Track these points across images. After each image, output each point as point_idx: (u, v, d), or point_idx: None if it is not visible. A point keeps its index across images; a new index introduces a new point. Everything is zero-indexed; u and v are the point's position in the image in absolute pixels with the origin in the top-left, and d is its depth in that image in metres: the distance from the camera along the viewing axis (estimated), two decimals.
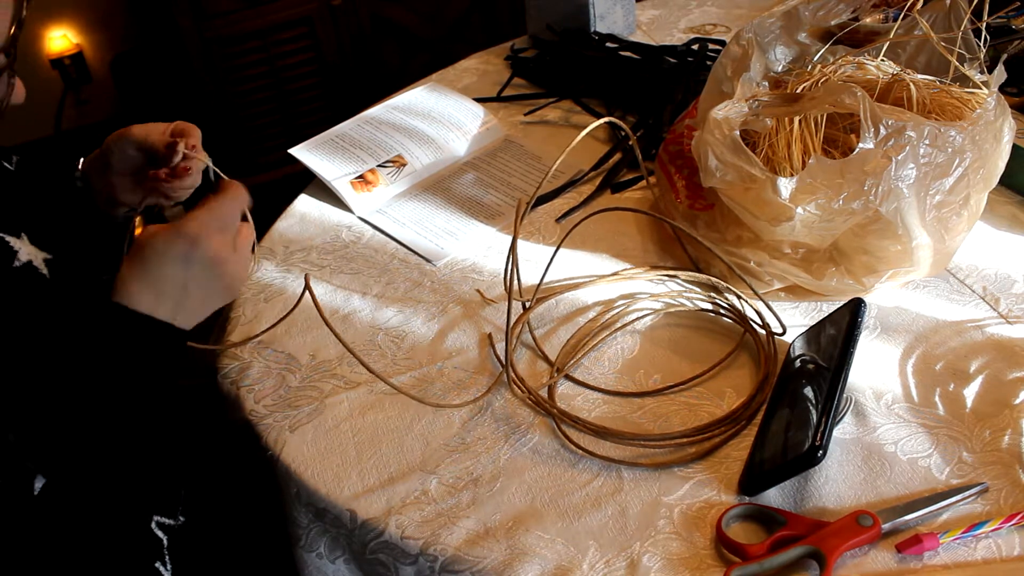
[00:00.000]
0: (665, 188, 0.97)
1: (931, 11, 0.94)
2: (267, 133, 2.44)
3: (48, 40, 2.51)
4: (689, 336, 0.87)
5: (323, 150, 1.15)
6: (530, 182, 1.12)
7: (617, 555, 0.68)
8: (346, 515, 0.74)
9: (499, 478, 0.75)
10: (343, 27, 2.40)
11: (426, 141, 1.17)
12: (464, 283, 0.97)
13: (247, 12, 2.26)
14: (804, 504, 0.70)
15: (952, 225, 0.82)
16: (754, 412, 0.78)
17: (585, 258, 0.98)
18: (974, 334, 0.83)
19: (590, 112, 1.25)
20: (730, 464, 0.74)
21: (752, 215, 0.82)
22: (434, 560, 0.70)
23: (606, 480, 0.74)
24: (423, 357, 0.88)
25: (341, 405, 0.83)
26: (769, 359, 0.82)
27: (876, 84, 0.90)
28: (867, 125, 0.76)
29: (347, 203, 1.09)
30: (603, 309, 0.91)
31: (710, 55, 1.26)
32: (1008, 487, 0.69)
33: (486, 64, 1.41)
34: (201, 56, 2.26)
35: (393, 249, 1.03)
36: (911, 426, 0.75)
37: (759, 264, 0.85)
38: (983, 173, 0.82)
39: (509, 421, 0.80)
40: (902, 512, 0.67)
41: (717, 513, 0.69)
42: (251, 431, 0.82)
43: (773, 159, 0.85)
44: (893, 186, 0.77)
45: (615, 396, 0.82)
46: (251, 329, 0.92)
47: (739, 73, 0.88)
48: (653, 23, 1.48)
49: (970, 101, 0.87)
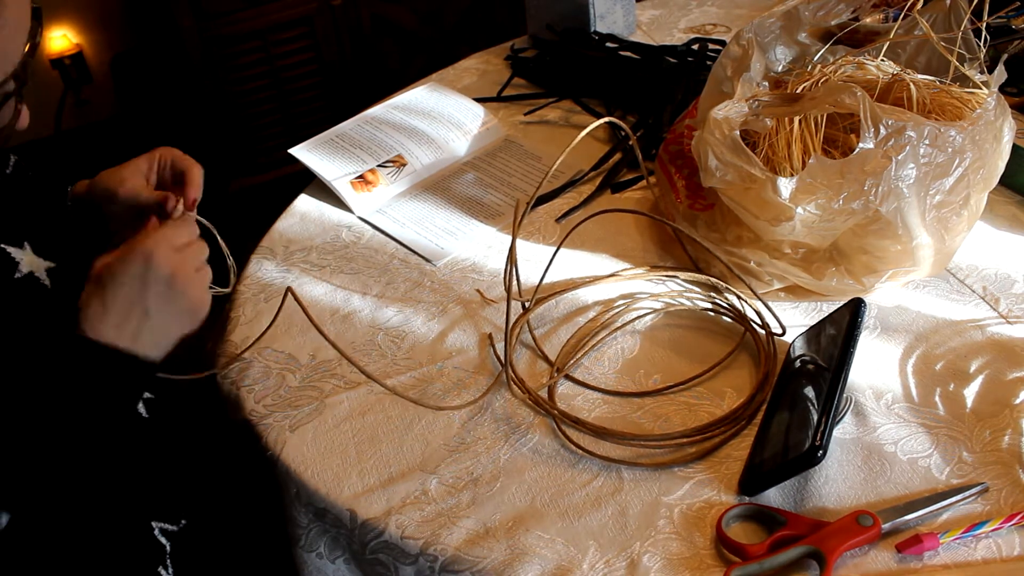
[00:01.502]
0: (665, 188, 0.97)
1: (931, 11, 0.94)
2: (267, 133, 2.44)
3: (48, 40, 2.51)
4: (689, 336, 0.87)
5: (323, 150, 1.15)
6: (530, 182, 1.12)
7: (617, 555, 0.68)
8: (346, 515, 0.74)
9: (499, 478, 0.75)
10: (343, 27, 2.40)
11: (426, 141, 1.17)
12: (464, 283, 0.97)
13: (247, 12, 2.26)
14: (804, 504, 0.70)
15: (952, 225, 0.82)
16: (754, 412, 0.78)
17: (585, 258, 0.98)
18: (974, 334, 0.83)
19: (590, 112, 1.25)
20: (730, 464, 0.74)
21: (752, 215, 0.82)
22: (434, 560, 0.70)
23: (606, 480, 0.74)
24: (423, 357, 0.88)
25: (341, 405, 0.83)
26: (769, 359, 0.82)
27: (876, 84, 0.90)
28: (867, 125, 0.76)
29: (347, 203, 1.09)
30: (603, 309, 0.91)
31: (710, 55, 1.26)
32: (1008, 487, 0.69)
33: (486, 64, 1.41)
34: (201, 56, 2.26)
35: (393, 249, 1.03)
36: (911, 426, 0.75)
37: (759, 264, 0.85)
38: (983, 173, 0.82)
39: (509, 421, 0.80)
40: (902, 512, 0.67)
41: (717, 513, 0.69)
42: (251, 431, 0.82)
43: (773, 159, 0.85)
44: (893, 186, 0.77)
45: (615, 396, 0.82)
46: (251, 329, 0.92)
47: (739, 73, 0.88)
48: (653, 23, 1.48)
49: (970, 101, 0.87)
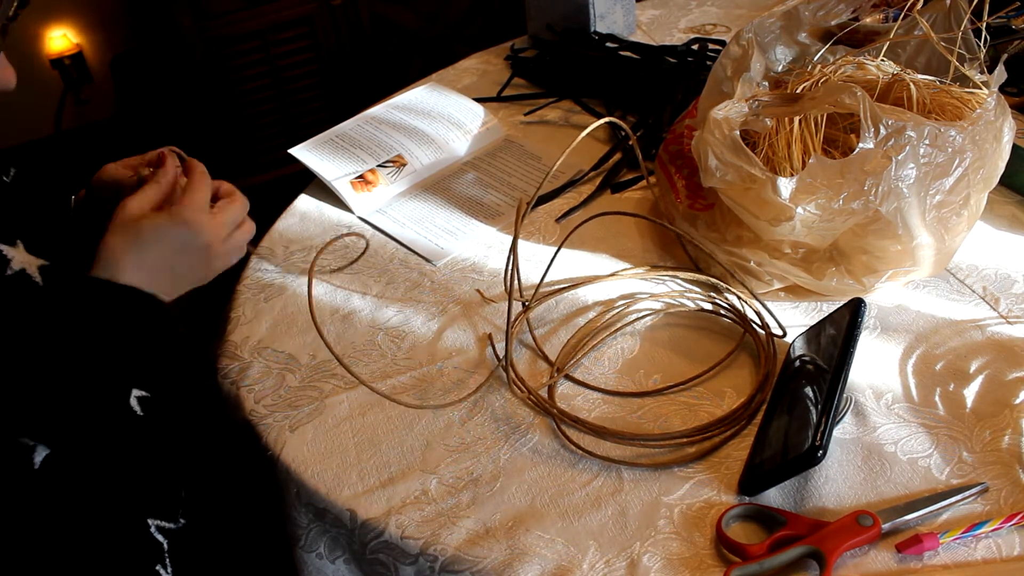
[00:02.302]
0: (665, 188, 0.97)
1: (931, 11, 0.94)
2: (267, 133, 2.44)
3: (48, 40, 2.51)
4: (689, 336, 0.87)
5: (323, 150, 1.15)
6: (530, 182, 1.12)
7: (617, 555, 0.68)
8: (346, 515, 0.74)
9: (499, 478, 0.75)
10: (343, 27, 2.39)
11: (426, 141, 1.17)
12: (464, 283, 0.97)
13: (247, 12, 2.26)
14: (804, 504, 0.70)
15: (952, 225, 0.82)
16: (754, 412, 0.78)
17: (585, 258, 0.98)
18: (974, 334, 0.83)
19: (590, 112, 1.25)
20: (730, 464, 0.74)
21: (752, 215, 0.82)
22: (434, 560, 0.70)
23: (606, 480, 0.74)
24: (423, 357, 0.88)
25: (341, 405, 0.83)
26: (769, 359, 0.82)
27: (876, 84, 0.90)
28: (867, 125, 0.76)
29: (347, 203, 1.09)
30: (603, 309, 0.91)
31: (710, 55, 1.26)
32: (1008, 487, 0.69)
33: (486, 64, 1.41)
34: (201, 56, 2.26)
35: (393, 249, 1.03)
36: (911, 426, 0.75)
37: (759, 264, 0.85)
38: (983, 173, 0.82)
39: (509, 421, 0.80)
40: (902, 512, 0.67)
41: (717, 513, 0.69)
42: (251, 431, 0.82)
43: (773, 159, 0.85)
44: (893, 186, 0.77)
45: (615, 396, 0.82)
46: (251, 329, 0.92)
47: (739, 73, 0.88)
48: (653, 23, 1.48)
49: (970, 101, 0.87)
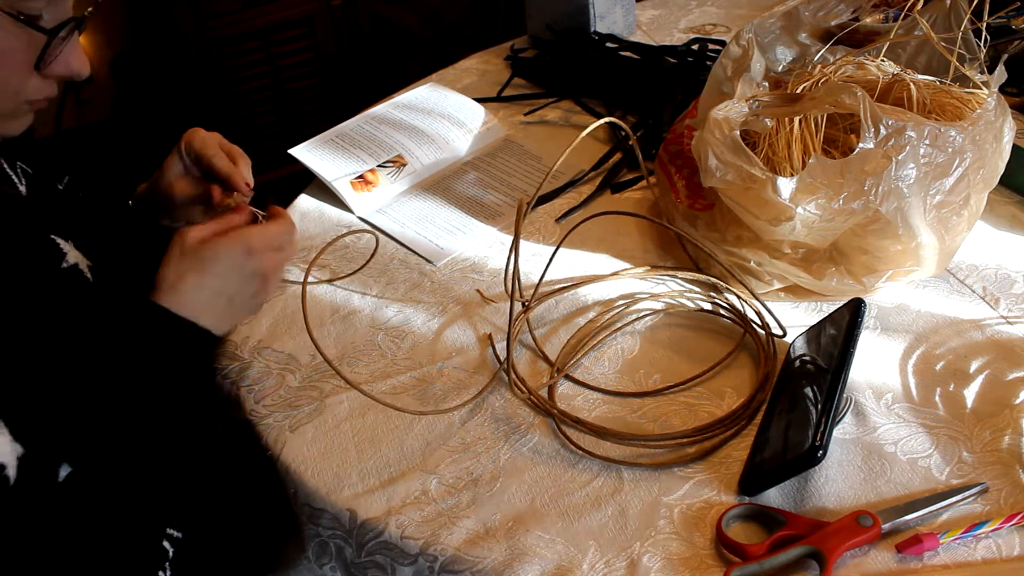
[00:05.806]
0: (665, 188, 0.97)
1: (931, 11, 0.94)
2: (267, 133, 2.44)
3: None
4: (689, 336, 0.87)
5: (323, 150, 1.14)
6: (530, 182, 1.12)
7: (617, 555, 0.68)
8: (346, 515, 0.74)
9: (499, 478, 0.75)
10: (343, 27, 2.39)
11: (426, 141, 1.17)
12: (464, 283, 0.97)
13: (247, 12, 2.26)
14: (804, 504, 0.70)
15: (952, 225, 0.82)
16: (754, 412, 0.78)
17: (585, 258, 0.98)
18: (974, 334, 0.83)
19: (590, 112, 1.25)
20: (730, 464, 0.74)
21: (752, 215, 0.82)
22: (434, 560, 0.70)
23: (606, 480, 0.74)
24: (423, 357, 0.88)
25: (341, 405, 0.83)
26: (769, 359, 0.82)
27: (876, 84, 0.90)
28: (867, 125, 0.76)
29: (347, 203, 1.09)
30: (603, 309, 0.91)
31: (710, 55, 1.26)
32: (1008, 487, 0.69)
33: (486, 64, 1.41)
34: (201, 56, 2.26)
35: (393, 249, 1.03)
36: (911, 426, 0.75)
37: (759, 264, 0.85)
38: (983, 173, 0.82)
39: (509, 421, 0.80)
40: (902, 512, 0.67)
41: (717, 513, 0.69)
42: (251, 431, 0.82)
43: (773, 159, 0.85)
44: (893, 186, 0.77)
45: (615, 396, 0.82)
46: (251, 329, 0.92)
47: (739, 73, 0.88)
48: (653, 23, 1.48)
49: (970, 101, 0.87)
